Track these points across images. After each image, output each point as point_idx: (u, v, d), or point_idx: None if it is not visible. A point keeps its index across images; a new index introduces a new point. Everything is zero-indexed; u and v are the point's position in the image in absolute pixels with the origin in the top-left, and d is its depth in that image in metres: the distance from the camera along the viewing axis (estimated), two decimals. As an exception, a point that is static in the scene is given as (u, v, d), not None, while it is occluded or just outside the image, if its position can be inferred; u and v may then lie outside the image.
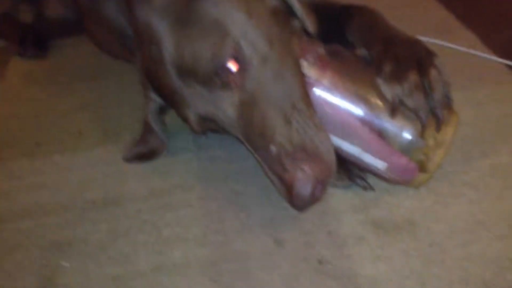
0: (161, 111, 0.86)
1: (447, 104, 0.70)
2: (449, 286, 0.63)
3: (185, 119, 0.73)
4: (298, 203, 0.65)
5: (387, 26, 0.80)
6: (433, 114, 0.68)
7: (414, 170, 0.70)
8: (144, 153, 0.88)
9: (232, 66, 0.66)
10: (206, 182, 0.82)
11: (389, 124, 0.69)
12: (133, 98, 0.99)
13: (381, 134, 0.69)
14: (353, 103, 0.70)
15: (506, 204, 0.72)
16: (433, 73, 0.69)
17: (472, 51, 1.04)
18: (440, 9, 1.18)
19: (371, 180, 0.76)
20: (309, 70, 0.71)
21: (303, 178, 0.63)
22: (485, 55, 1.03)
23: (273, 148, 0.65)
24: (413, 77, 0.69)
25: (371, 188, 0.76)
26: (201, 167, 0.86)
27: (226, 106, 0.68)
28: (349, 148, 0.71)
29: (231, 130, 0.70)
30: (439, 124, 0.68)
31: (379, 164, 0.70)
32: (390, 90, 0.69)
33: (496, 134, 0.84)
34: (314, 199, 0.65)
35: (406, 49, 0.74)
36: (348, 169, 0.76)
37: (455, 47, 1.05)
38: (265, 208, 0.76)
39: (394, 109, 0.68)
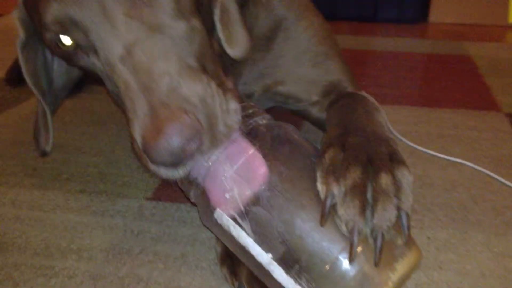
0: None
1: (402, 232, 0.48)
2: None
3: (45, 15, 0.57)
4: (161, 151, 0.49)
5: (364, 116, 0.64)
6: (374, 238, 0.47)
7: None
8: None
9: None
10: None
11: (317, 235, 0.49)
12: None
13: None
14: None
15: None
16: (384, 180, 0.49)
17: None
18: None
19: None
20: None
21: (184, 122, 0.49)
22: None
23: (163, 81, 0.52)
24: (353, 176, 0.49)
25: None
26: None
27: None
28: (259, 253, 0.51)
29: (103, 45, 0.55)
30: (376, 254, 0.47)
31: (290, 284, 0.49)
32: (323, 187, 0.50)
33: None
34: (184, 156, 0.50)
35: (364, 142, 0.55)
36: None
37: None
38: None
39: (323, 214, 0.48)
